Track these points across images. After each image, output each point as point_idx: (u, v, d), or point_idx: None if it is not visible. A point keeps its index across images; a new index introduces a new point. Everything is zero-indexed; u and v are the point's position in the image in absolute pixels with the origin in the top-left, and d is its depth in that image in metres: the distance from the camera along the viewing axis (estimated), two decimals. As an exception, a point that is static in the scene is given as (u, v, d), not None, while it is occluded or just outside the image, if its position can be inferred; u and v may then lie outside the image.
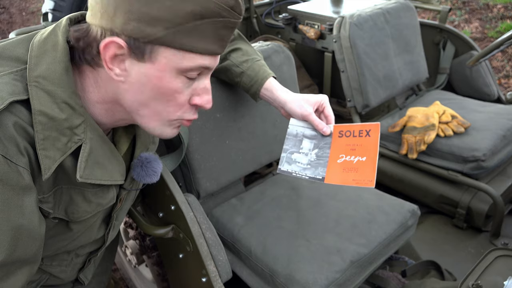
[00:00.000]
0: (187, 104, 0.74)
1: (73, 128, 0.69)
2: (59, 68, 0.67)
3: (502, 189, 1.66)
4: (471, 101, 1.99)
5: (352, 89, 1.87)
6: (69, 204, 0.75)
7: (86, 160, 0.71)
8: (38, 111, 0.65)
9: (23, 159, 0.63)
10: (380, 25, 1.90)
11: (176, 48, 0.66)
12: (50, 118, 0.66)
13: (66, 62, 0.68)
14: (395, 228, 1.22)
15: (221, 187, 1.33)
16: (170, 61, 0.67)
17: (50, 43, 0.69)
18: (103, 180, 0.75)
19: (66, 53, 0.68)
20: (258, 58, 1.15)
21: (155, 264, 1.40)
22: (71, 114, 0.68)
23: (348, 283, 1.11)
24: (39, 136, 0.65)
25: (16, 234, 0.63)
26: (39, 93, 0.66)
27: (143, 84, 0.69)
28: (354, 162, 0.95)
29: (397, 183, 1.84)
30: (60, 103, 0.67)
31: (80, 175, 0.70)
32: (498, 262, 1.13)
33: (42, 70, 0.67)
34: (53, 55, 0.68)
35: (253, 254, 1.15)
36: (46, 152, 0.66)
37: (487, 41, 3.98)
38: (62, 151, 0.68)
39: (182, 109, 0.74)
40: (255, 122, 1.36)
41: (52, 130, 0.66)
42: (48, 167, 0.66)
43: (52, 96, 0.66)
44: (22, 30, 1.97)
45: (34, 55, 0.68)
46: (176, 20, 0.63)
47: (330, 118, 1.05)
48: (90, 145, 0.71)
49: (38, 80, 0.66)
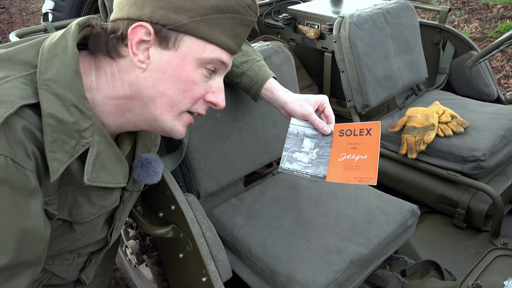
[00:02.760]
0: (202, 99, 0.78)
1: (81, 131, 0.69)
2: (69, 72, 0.68)
3: (501, 189, 1.66)
4: (470, 101, 1.99)
5: (352, 89, 1.87)
6: (73, 206, 0.76)
7: (93, 163, 0.71)
8: (48, 113, 0.65)
9: (30, 163, 0.64)
10: (380, 25, 1.90)
11: (198, 38, 0.72)
12: (59, 121, 0.66)
13: (76, 66, 0.69)
14: (395, 228, 1.22)
15: (221, 187, 1.33)
16: (193, 50, 0.72)
17: (60, 48, 0.70)
18: (108, 183, 0.75)
19: (76, 57, 0.70)
20: (258, 58, 1.16)
21: (155, 264, 1.40)
22: (79, 117, 0.68)
23: (348, 283, 1.11)
24: (48, 138, 0.65)
25: (22, 237, 0.64)
26: (48, 96, 0.66)
27: (164, 72, 0.72)
28: (355, 160, 0.95)
29: (397, 183, 1.84)
30: (69, 106, 0.67)
31: (87, 178, 0.71)
32: (497, 262, 1.13)
33: (52, 73, 0.67)
34: (63, 59, 0.69)
35: (253, 254, 1.15)
36: (55, 155, 0.66)
37: (487, 41, 3.98)
38: (70, 154, 0.68)
39: (196, 103, 0.78)
40: (255, 122, 1.36)
41: (61, 133, 0.67)
42: (56, 169, 0.67)
43: (61, 99, 0.67)
44: (22, 30, 1.97)
45: (44, 58, 0.69)
46: (200, 11, 0.70)
47: (331, 117, 1.06)
48: (97, 148, 0.72)
49: (48, 84, 0.67)
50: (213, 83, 0.78)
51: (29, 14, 6.03)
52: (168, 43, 0.71)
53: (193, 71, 0.73)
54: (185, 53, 0.72)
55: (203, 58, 0.73)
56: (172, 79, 0.73)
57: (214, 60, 0.74)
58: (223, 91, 0.80)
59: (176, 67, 0.72)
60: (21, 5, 6.40)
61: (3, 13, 6.06)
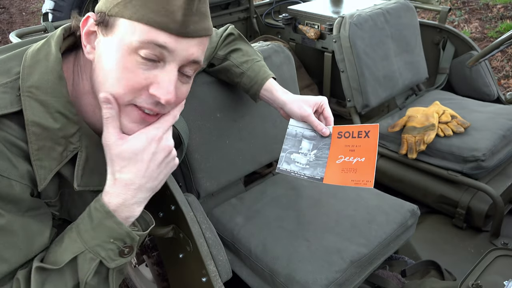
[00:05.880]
0: (145, 91, 0.68)
1: (68, 137, 0.69)
2: (52, 77, 0.68)
3: (501, 189, 1.66)
4: (470, 101, 1.99)
5: (352, 89, 1.87)
6: (71, 206, 0.76)
7: (83, 168, 0.71)
8: (31, 122, 0.65)
9: (15, 172, 0.64)
10: (380, 25, 1.90)
11: (128, 19, 0.65)
12: (44, 129, 0.66)
13: (59, 71, 0.68)
14: (395, 228, 1.22)
15: (221, 187, 1.33)
16: (124, 33, 0.65)
17: (43, 53, 0.69)
18: (101, 187, 0.74)
19: (59, 61, 0.69)
20: (258, 58, 1.16)
21: (155, 264, 1.40)
22: (65, 123, 0.68)
23: (348, 283, 1.11)
24: (33, 147, 0.65)
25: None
26: (32, 103, 0.66)
27: (103, 60, 0.68)
28: (353, 162, 0.95)
29: (397, 183, 1.84)
30: (54, 112, 0.67)
31: (77, 184, 0.71)
32: (498, 262, 1.13)
33: (34, 80, 0.67)
34: (45, 64, 0.68)
35: (253, 254, 1.15)
36: (41, 163, 0.66)
37: (487, 41, 3.98)
38: (58, 160, 0.68)
39: (140, 96, 0.68)
40: (255, 122, 1.36)
41: (46, 140, 0.66)
42: (44, 177, 0.66)
43: (45, 106, 0.66)
44: (22, 30, 1.97)
45: (27, 65, 0.68)
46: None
47: (329, 119, 1.05)
48: (85, 153, 0.71)
49: (31, 90, 0.66)
50: (159, 73, 0.67)
51: (29, 14, 6.03)
52: (108, 30, 0.67)
53: (126, 56, 0.65)
54: (119, 37, 0.65)
55: (133, 41, 0.64)
56: (108, 66, 0.67)
57: (146, 42, 0.64)
58: (171, 84, 0.68)
59: (111, 53, 0.66)
60: (21, 5, 6.40)
61: (3, 13, 6.06)
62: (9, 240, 0.66)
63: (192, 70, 0.72)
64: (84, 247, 0.68)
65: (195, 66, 0.72)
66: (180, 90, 0.72)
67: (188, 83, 0.74)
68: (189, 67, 0.71)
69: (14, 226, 0.66)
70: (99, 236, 0.68)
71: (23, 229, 0.68)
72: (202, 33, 0.69)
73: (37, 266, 0.67)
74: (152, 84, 0.67)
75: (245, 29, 2.76)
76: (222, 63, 1.17)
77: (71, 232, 0.70)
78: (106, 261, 0.69)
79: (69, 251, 0.68)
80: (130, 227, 0.71)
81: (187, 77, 0.73)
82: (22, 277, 0.67)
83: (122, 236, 0.69)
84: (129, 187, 0.69)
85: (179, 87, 0.71)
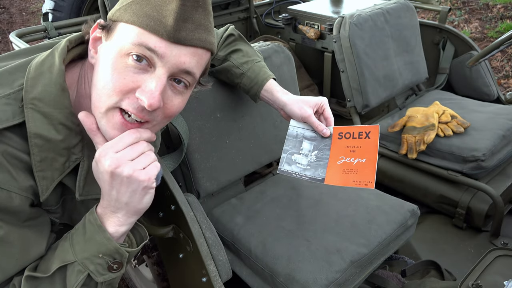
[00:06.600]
0: (132, 94, 0.66)
1: (71, 148, 0.69)
2: (55, 89, 0.68)
3: (501, 189, 1.66)
4: (470, 101, 1.99)
5: (352, 89, 1.87)
6: (73, 211, 0.76)
7: (84, 178, 0.72)
8: (34, 134, 0.65)
9: (15, 184, 0.64)
10: (380, 25, 1.90)
11: (126, 22, 0.66)
12: (46, 140, 0.66)
13: (62, 83, 0.69)
14: (395, 228, 1.22)
15: (221, 187, 1.33)
16: (120, 36, 0.66)
17: (47, 65, 0.70)
18: None
19: (62, 73, 0.69)
20: (258, 59, 1.16)
21: (155, 264, 1.40)
22: (68, 134, 0.68)
23: (348, 283, 1.11)
24: (36, 158, 0.66)
25: None
26: (35, 115, 0.66)
27: (100, 62, 0.68)
28: (353, 163, 0.95)
29: (397, 183, 1.84)
30: (57, 124, 0.67)
31: (79, 194, 0.71)
32: (497, 262, 1.13)
33: (37, 92, 0.67)
34: (48, 76, 0.68)
35: (253, 254, 1.15)
36: (43, 174, 0.67)
37: (487, 41, 3.98)
38: (60, 170, 0.69)
39: (122, 95, 0.66)
40: (255, 122, 1.36)
41: (49, 152, 0.67)
42: (46, 187, 0.67)
43: (48, 118, 0.67)
44: (22, 30, 1.98)
45: (31, 77, 0.68)
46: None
47: (330, 120, 1.05)
48: (88, 162, 0.72)
49: (34, 102, 0.67)
50: (148, 78, 0.66)
51: (29, 14, 6.03)
52: (109, 34, 0.69)
53: (118, 58, 0.66)
54: (116, 40, 0.67)
55: (127, 43, 0.65)
56: (102, 68, 0.67)
57: (137, 45, 0.64)
58: (158, 88, 0.66)
59: (108, 56, 0.67)
60: (21, 5, 6.39)
61: (3, 13, 6.06)
62: (6, 250, 0.67)
63: (186, 81, 0.70)
64: (75, 258, 0.69)
65: (188, 78, 0.70)
66: (171, 100, 0.70)
67: (182, 95, 0.72)
68: (182, 77, 0.70)
69: (11, 237, 0.67)
70: (89, 249, 0.69)
71: (21, 240, 0.69)
72: (195, 43, 0.67)
73: (27, 275, 0.68)
74: (139, 87, 0.66)
75: (245, 29, 2.76)
76: (222, 64, 1.17)
77: (65, 241, 0.71)
78: (94, 275, 0.70)
79: (59, 259, 0.69)
80: (122, 243, 0.72)
81: (181, 88, 0.71)
82: (18, 283, 0.69)
83: (111, 252, 0.70)
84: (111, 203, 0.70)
85: (170, 97, 0.70)
